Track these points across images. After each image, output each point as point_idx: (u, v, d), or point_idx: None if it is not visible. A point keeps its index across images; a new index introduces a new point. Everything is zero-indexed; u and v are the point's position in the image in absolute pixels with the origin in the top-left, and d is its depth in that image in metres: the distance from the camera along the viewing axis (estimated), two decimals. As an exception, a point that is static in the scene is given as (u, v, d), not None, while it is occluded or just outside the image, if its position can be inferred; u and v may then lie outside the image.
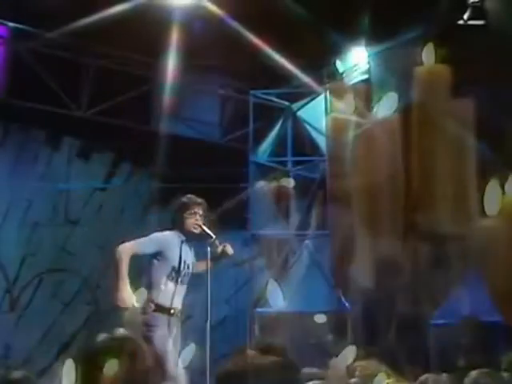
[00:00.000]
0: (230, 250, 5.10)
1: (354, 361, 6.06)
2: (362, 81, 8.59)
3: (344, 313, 7.13)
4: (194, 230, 5.08)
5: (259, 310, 7.39)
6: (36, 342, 9.29)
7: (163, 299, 4.98)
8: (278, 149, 8.90)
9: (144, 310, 4.98)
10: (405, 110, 7.64)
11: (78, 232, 9.67)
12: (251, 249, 9.06)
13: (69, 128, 9.30)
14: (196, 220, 5.09)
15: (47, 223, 9.57)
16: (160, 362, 4.86)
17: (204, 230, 5.06)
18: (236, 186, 9.49)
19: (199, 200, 5.19)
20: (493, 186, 6.59)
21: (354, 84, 8.62)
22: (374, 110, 8.38)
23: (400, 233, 6.70)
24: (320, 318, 7.16)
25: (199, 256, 5.21)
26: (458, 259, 6.92)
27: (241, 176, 9.22)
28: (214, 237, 5.01)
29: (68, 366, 3.90)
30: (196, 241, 5.18)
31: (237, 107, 9.10)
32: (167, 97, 8.79)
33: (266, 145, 8.90)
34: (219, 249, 5.06)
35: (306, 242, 7.88)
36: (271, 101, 8.85)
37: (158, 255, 5.04)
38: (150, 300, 4.99)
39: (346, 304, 7.21)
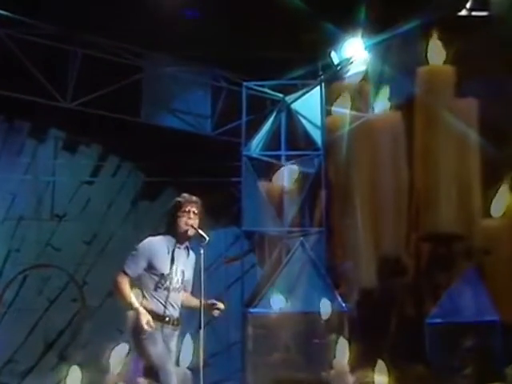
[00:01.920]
0: (221, 308, 4.77)
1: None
2: (359, 73, 8.34)
3: (341, 312, 6.88)
4: (187, 230, 4.77)
5: (252, 310, 7.13)
6: (21, 340, 9.06)
7: (156, 307, 4.70)
8: (271, 142, 8.64)
9: (137, 318, 4.69)
10: (405, 106, 7.43)
11: (64, 227, 9.47)
12: (242, 245, 8.82)
13: (54, 119, 9.02)
14: (189, 219, 4.78)
15: (32, 217, 9.36)
16: (154, 371, 4.59)
17: (197, 231, 4.75)
18: (227, 180, 9.30)
19: (194, 198, 4.85)
20: (502, 188, 6.44)
21: (350, 77, 8.37)
22: (372, 103, 8.20)
23: (403, 232, 6.51)
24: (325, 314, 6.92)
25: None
26: (461, 259, 6.77)
27: (233, 170, 8.99)
28: (207, 239, 4.71)
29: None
30: (190, 243, 4.88)
31: (229, 99, 8.79)
32: (157, 87, 8.55)
33: (258, 138, 8.62)
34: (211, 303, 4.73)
35: (301, 239, 7.61)
36: (265, 93, 8.57)
37: (147, 265, 4.74)
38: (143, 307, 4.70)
39: (343, 304, 6.96)
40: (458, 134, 6.64)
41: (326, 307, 6.79)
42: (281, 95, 8.60)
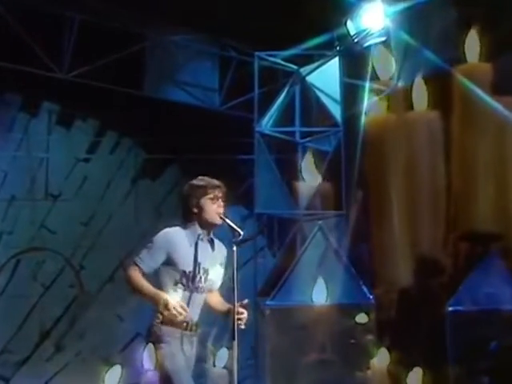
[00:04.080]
0: (244, 317, 4.19)
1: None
2: (379, 43, 7.75)
3: (368, 306, 6.39)
4: (216, 221, 4.18)
5: (269, 302, 6.58)
6: (15, 329, 8.55)
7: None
8: (284, 118, 8.05)
9: (152, 322, 4.14)
10: (433, 79, 6.92)
11: (59, 207, 8.93)
12: (253, 226, 8.29)
13: (48, 92, 8.49)
14: (219, 207, 4.19)
15: (25, 197, 8.84)
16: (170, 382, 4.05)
17: (229, 225, 4.16)
18: (235, 157, 8.80)
19: (217, 182, 4.27)
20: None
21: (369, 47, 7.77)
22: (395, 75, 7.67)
23: (441, 231, 6.16)
24: (361, 318, 6.53)
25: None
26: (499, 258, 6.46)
27: (241, 147, 8.45)
28: (241, 233, 4.12)
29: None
30: (214, 235, 4.31)
31: (239, 71, 8.21)
32: (161, 58, 8.03)
33: (270, 113, 8.03)
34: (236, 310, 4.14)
35: (320, 223, 7.06)
36: (278, 64, 7.96)
37: (165, 260, 4.16)
38: (157, 311, 4.14)
39: (370, 296, 6.46)
40: (495, 132, 6.26)
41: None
42: (295, 66, 7.98)
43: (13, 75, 7.90)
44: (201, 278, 4.20)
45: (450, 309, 6.93)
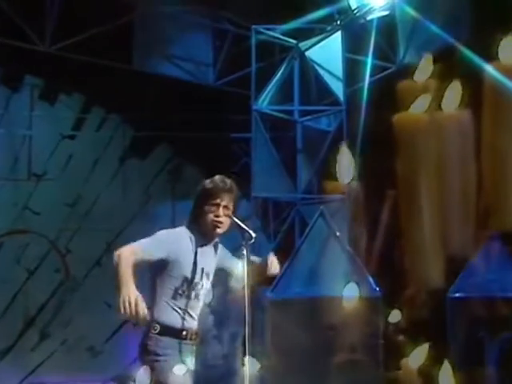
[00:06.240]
0: (275, 267, 3.90)
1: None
2: (382, 18, 7.34)
3: (375, 298, 6.08)
4: (218, 227, 3.86)
5: (271, 294, 6.23)
6: (-3, 317, 8.20)
7: (171, 319, 3.82)
8: (283, 95, 7.64)
9: (147, 333, 3.83)
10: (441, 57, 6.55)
11: (43, 187, 8.50)
12: (245, 208, 7.92)
13: (31, 65, 8.05)
14: (219, 215, 3.85)
15: (7, 177, 8.40)
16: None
17: (240, 226, 3.82)
18: (228, 135, 8.43)
19: (228, 184, 3.92)
20: None
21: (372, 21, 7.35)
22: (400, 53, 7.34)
23: (472, 232, 5.93)
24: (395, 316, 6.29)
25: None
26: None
27: (237, 125, 8.09)
28: (253, 236, 3.78)
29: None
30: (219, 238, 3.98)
31: (235, 45, 7.80)
32: (151, 30, 7.59)
33: (268, 90, 7.61)
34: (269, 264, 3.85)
35: (321, 208, 6.68)
36: (276, 38, 7.53)
37: (164, 262, 3.82)
38: (153, 320, 3.82)
39: (377, 288, 6.14)
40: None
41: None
42: (294, 41, 7.55)
43: (-8, 47, 7.50)
44: (202, 285, 3.93)
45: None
